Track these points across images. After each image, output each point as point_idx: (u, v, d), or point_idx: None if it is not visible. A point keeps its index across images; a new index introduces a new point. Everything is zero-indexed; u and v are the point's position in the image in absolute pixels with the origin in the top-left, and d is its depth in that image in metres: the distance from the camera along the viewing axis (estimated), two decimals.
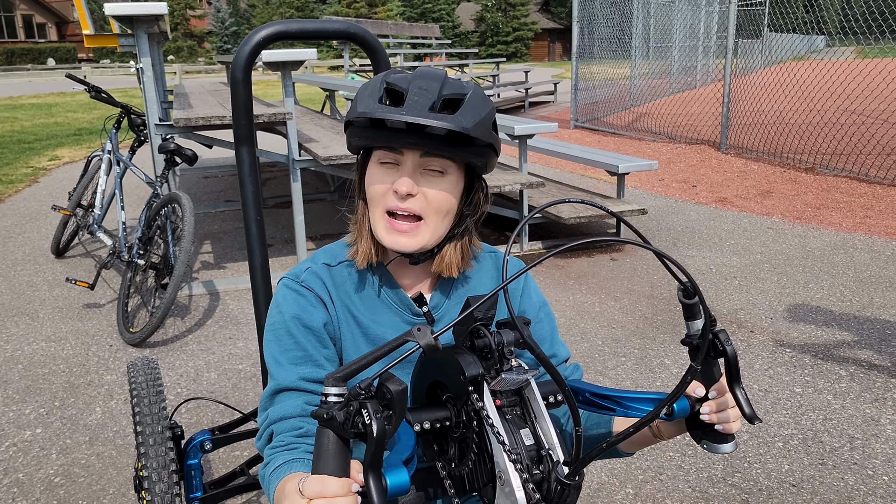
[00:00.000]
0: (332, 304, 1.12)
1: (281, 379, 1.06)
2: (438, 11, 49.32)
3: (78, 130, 12.22)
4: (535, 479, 0.78)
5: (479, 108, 1.00)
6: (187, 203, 3.59)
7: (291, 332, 1.08)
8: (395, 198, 1.03)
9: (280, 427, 1.04)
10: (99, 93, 4.29)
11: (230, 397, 3.00)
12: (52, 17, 45.89)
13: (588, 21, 11.39)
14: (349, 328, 1.13)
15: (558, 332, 1.26)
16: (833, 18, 9.16)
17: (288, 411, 1.04)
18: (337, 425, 0.71)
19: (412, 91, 0.98)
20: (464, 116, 0.97)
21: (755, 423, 0.93)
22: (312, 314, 1.10)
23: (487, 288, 1.20)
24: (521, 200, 4.91)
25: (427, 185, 1.03)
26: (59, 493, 2.38)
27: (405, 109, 0.96)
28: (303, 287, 1.12)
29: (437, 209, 1.04)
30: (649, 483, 2.37)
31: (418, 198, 1.03)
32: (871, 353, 3.25)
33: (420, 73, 1.02)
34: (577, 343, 3.47)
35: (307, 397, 1.05)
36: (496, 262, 1.23)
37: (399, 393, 0.70)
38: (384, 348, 0.73)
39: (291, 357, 1.07)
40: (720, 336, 0.92)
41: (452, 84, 1.01)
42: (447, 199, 1.05)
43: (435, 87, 0.98)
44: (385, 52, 1.48)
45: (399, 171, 1.03)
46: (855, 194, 6.27)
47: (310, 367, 1.07)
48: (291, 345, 1.08)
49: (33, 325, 3.83)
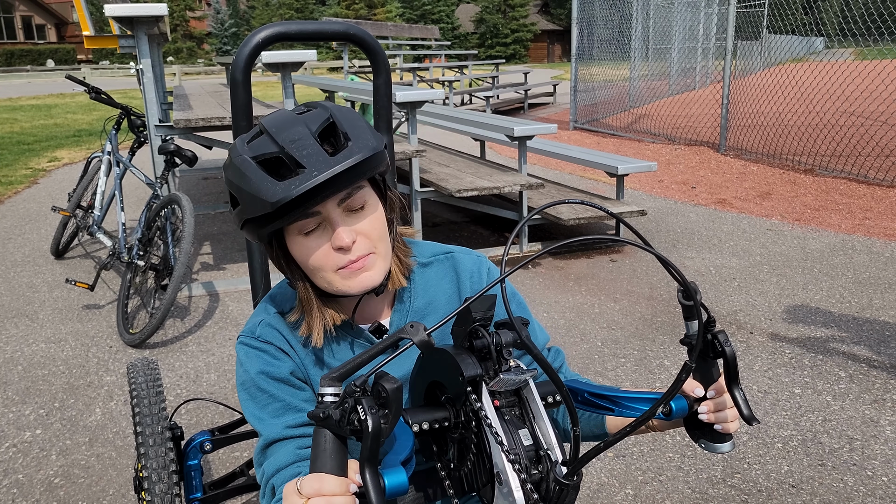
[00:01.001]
0: (294, 352, 1.10)
1: (267, 433, 1.05)
2: (438, 13, 49.36)
3: (77, 132, 12.22)
4: (534, 480, 0.79)
5: (353, 120, 0.96)
6: (187, 204, 3.59)
7: (262, 387, 1.06)
8: (342, 254, 0.98)
9: (279, 479, 1.03)
10: (98, 94, 4.29)
11: (230, 398, 3.00)
12: (52, 18, 45.89)
13: (587, 22, 11.40)
14: (317, 370, 1.11)
15: (533, 318, 1.22)
16: (832, 20, 9.17)
17: (282, 461, 1.03)
18: (333, 424, 0.71)
19: (291, 149, 0.91)
20: (359, 140, 0.93)
21: (753, 424, 0.93)
22: (278, 366, 1.07)
23: (448, 294, 1.18)
24: (521, 201, 4.91)
25: (357, 223, 0.99)
26: (58, 494, 2.38)
27: (312, 170, 0.90)
28: (261, 342, 1.09)
29: (379, 237, 1.02)
30: (649, 484, 2.37)
31: (359, 240, 0.99)
32: (870, 355, 3.26)
33: (275, 128, 0.95)
34: (576, 344, 3.47)
35: (297, 442, 1.04)
36: (453, 264, 1.19)
37: (394, 391, 0.70)
38: (378, 347, 0.74)
39: (271, 411, 1.06)
40: (719, 337, 0.92)
41: (310, 117, 0.96)
42: (380, 223, 1.02)
43: (303, 131, 0.93)
44: (384, 53, 1.48)
45: (326, 228, 0.98)
46: (854, 196, 6.27)
47: (292, 415, 1.06)
48: (267, 399, 1.06)
49: (33, 327, 3.83)
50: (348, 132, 0.94)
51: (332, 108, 0.97)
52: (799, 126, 7.90)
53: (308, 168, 0.90)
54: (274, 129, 0.94)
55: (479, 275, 1.18)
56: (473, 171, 5.11)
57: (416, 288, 1.15)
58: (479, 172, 5.09)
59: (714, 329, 0.92)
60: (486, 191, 4.59)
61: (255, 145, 0.95)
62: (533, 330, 1.20)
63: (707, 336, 0.92)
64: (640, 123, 10.75)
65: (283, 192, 0.89)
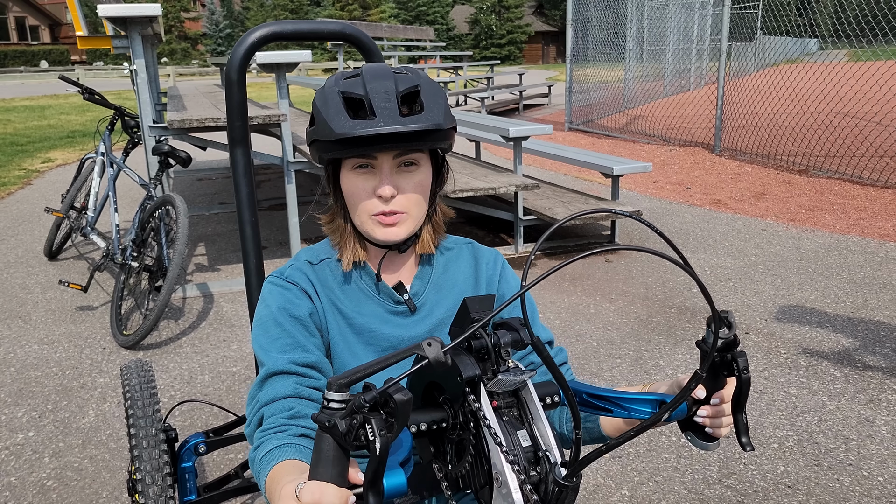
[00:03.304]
0: (318, 297, 1.16)
1: (271, 364, 1.06)
2: (433, 14, 49.36)
3: (71, 132, 12.18)
4: (533, 481, 0.78)
5: (436, 96, 1.05)
6: (181, 205, 3.57)
7: (279, 321, 1.11)
8: (380, 202, 1.07)
9: (270, 409, 1.02)
10: (92, 95, 4.27)
11: (224, 400, 2.99)
12: (46, 19, 45.74)
13: (582, 24, 11.42)
14: (335, 319, 1.16)
15: (539, 317, 1.29)
16: (826, 21, 9.20)
17: (279, 392, 1.04)
18: (338, 434, 0.70)
19: (373, 97, 1.01)
20: (431, 112, 1.02)
21: (747, 451, 0.94)
22: (298, 304, 1.13)
23: (465, 275, 1.23)
24: (516, 202, 4.91)
25: (404, 180, 1.08)
26: (51, 496, 2.36)
27: (379, 120, 0.99)
28: (287, 282, 1.15)
29: (418, 201, 1.10)
30: (645, 485, 2.37)
31: (399, 196, 1.08)
32: (865, 355, 3.26)
33: (370, 75, 1.04)
34: (572, 345, 3.47)
35: (298, 379, 1.06)
36: (473, 251, 1.26)
37: (403, 403, 0.69)
38: (391, 359, 0.72)
39: (280, 345, 1.09)
40: (739, 360, 0.90)
41: (403, 78, 1.04)
42: (424, 189, 1.11)
43: (391, 86, 1.02)
44: (381, 53, 1.48)
45: (376, 174, 1.07)
46: (848, 196, 6.29)
47: (299, 353, 1.08)
48: (280, 333, 1.10)
49: (26, 328, 3.81)
50: (426, 102, 1.03)
51: (423, 79, 1.06)
52: (793, 127, 7.92)
53: (378, 118, 0.99)
54: (368, 77, 1.04)
55: (496, 265, 1.26)
56: (469, 172, 5.11)
57: (439, 262, 1.23)
58: (474, 173, 5.08)
59: (735, 351, 0.90)
60: (482, 191, 4.58)
61: (347, 83, 1.04)
62: (535, 330, 1.20)
63: (727, 355, 0.91)
64: (635, 124, 10.77)
65: (348, 129, 1.00)
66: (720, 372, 0.93)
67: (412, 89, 1.03)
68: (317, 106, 1.06)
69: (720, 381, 0.96)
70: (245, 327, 3.75)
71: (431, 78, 1.10)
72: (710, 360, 0.79)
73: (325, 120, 1.02)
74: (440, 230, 1.22)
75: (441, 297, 1.21)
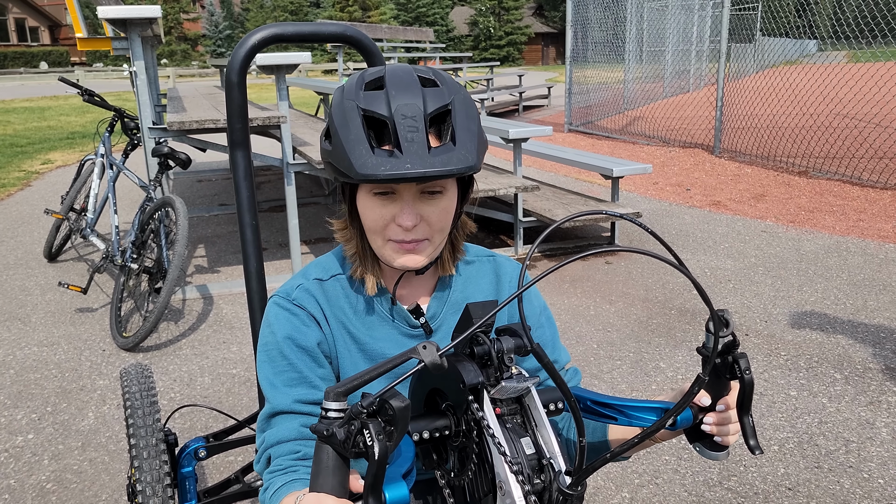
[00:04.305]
0: (326, 322, 1.10)
1: (276, 402, 1.04)
2: (432, 15, 49.36)
3: (71, 134, 12.17)
4: (537, 489, 0.77)
5: (468, 119, 0.94)
6: (181, 207, 3.57)
7: (284, 353, 1.06)
8: (400, 231, 0.99)
9: (277, 451, 1.02)
10: (92, 96, 4.27)
11: (224, 402, 2.98)
12: (45, 20, 45.72)
13: (582, 25, 11.41)
14: (345, 345, 1.10)
15: (559, 337, 1.24)
16: (825, 23, 9.21)
17: (284, 435, 1.03)
18: (337, 443, 0.69)
19: (399, 123, 0.90)
20: (463, 147, 0.92)
21: (756, 454, 0.92)
22: (306, 333, 1.07)
23: (485, 293, 1.18)
24: (516, 204, 4.91)
25: (428, 208, 0.99)
26: (51, 499, 2.35)
27: (406, 160, 0.88)
28: (294, 305, 1.08)
29: (441, 227, 1.02)
30: (645, 487, 2.36)
31: (421, 225, 0.99)
32: (865, 356, 3.26)
33: (395, 89, 0.93)
34: (572, 347, 3.46)
35: (303, 419, 1.04)
36: (495, 266, 1.20)
37: (402, 409, 0.68)
38: (387, 364, 0.71)
39: (286, 379, 1.05)
40: (740, 362, 0.89)
41: (431, 94, 0.94)
42: (448, 214, 1.02)
43: (418, 106, 0.91)
44: (381, 54, 1.47)
45: (397, 202, 0.98)
46: (848, 198, 6.29)
47: (304, 389, 1.05)
48: (285, 366, 1.05)
49: (25, 330, 3.80)
50: (458, 133, 0.92)
51: (455, 96, 0.95)
52: (793, 128, 7.92)
53: (405, 156, 0.89)
54: (393, 91, 0.93)
55: (517, 280, 1.19)
56: None
57: (458, 281, 1.16)
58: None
59: (736, 352, 0.90)
60: (482, 193, 4.58)
61: (370, 98, 0.93)
62: (555, 350, 1.21)
63: (728, 358, 0.90)
64: (635, 126, 10.76)
65: (371, 169, 0.89)
66: (723, 375, 0.93)
67: (442, 110, 0.93)
68: (335, 122, 0.94)
69: (723, 385, 0.95)
70: (245, 329, 3.74)
71: (459, 84, 0.99)
72: (712, 363, 0.78)
73: (345, 150, 0.91)
74: (460, 249, 1.14)
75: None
